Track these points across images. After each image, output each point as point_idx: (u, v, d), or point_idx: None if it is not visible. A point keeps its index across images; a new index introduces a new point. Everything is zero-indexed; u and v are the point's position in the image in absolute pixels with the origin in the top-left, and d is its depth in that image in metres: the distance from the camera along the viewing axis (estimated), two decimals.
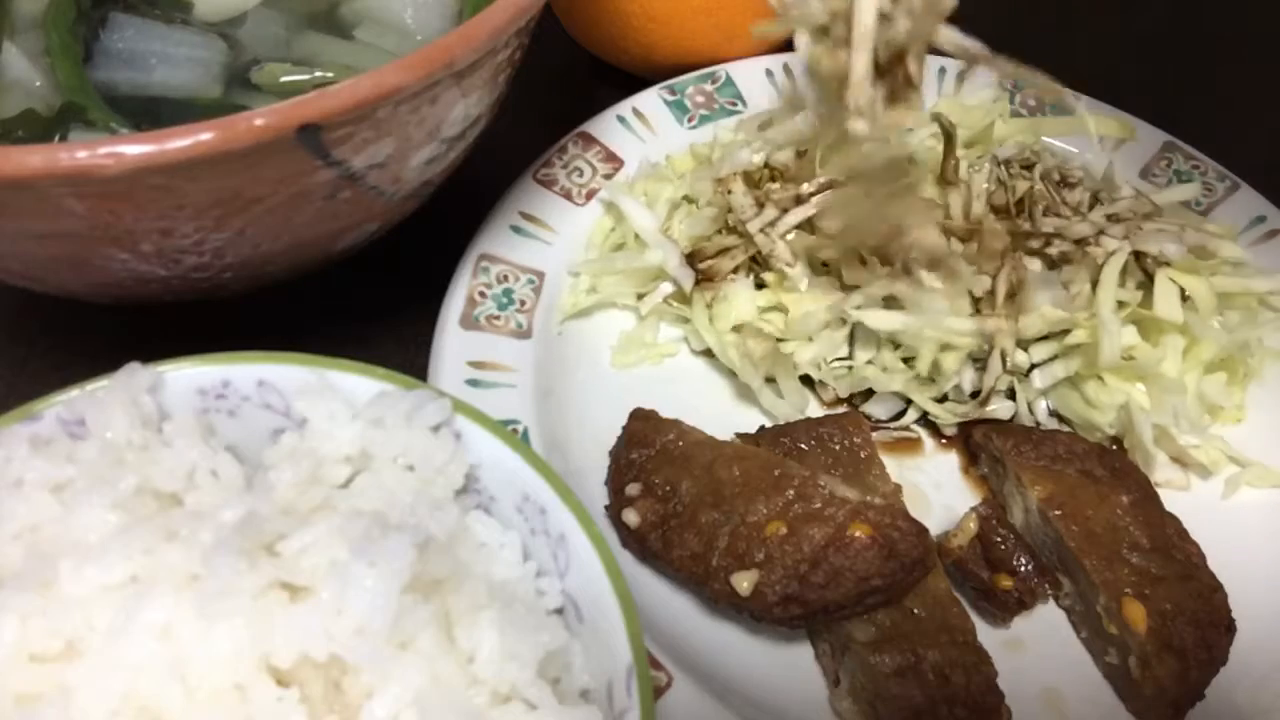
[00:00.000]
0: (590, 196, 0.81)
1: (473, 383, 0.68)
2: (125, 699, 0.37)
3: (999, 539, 0.65)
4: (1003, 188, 0.77)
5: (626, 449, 0.67)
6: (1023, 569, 0.64)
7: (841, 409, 0.74)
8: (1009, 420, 0.73)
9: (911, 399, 0.74)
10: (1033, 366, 0.73)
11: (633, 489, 0.65)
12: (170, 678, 0.38)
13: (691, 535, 0.61)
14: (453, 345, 0.70)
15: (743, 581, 0.58)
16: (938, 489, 0.72)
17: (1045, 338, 0.73)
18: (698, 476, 0.64)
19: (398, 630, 0.39)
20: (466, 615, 0.42)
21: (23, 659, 0.38)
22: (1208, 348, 0.73)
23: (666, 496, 0.64)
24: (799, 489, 0.61)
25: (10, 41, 0.65)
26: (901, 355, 0.73)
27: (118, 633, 0.38)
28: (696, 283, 0.75)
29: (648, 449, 0.67)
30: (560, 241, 0.78)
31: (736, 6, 0.91)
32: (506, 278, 0.75)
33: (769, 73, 0.92)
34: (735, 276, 0.75)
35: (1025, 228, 0.75)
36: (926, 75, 0.94)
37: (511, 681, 0.41)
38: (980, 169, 0.77)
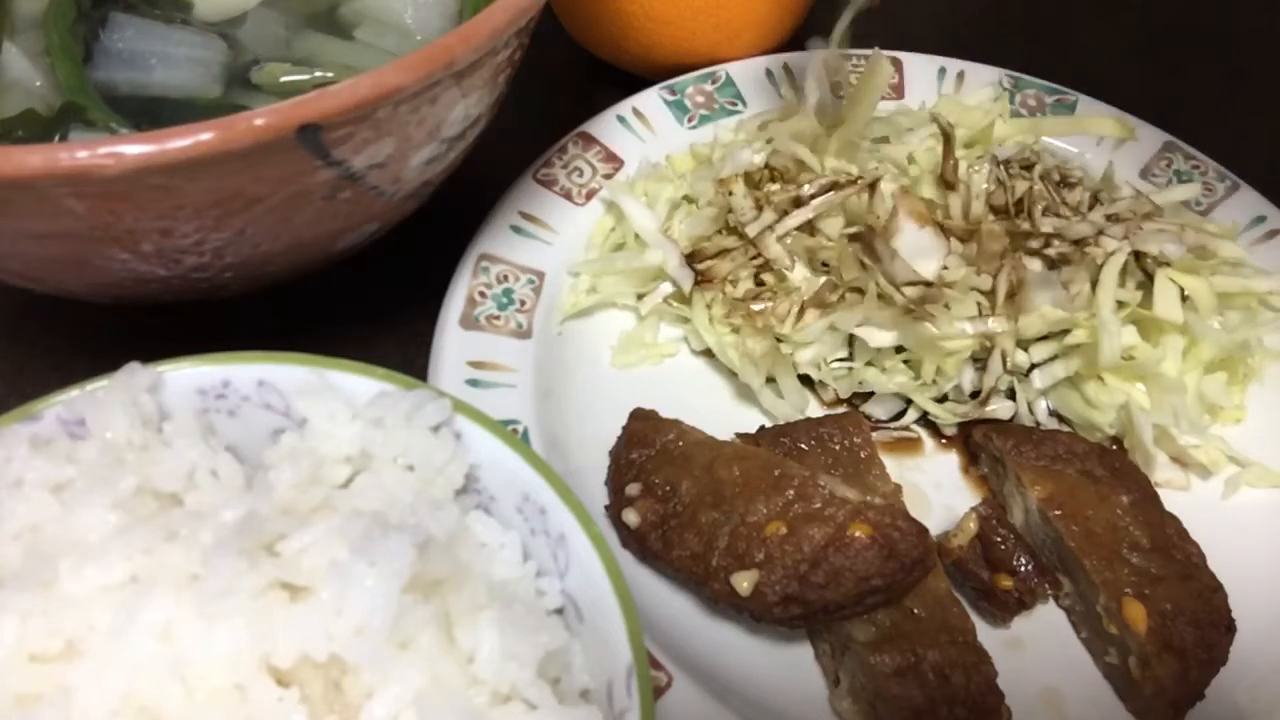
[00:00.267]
0: (590, 196, 0.81)
1: (473, 383, 0.68)
2: (125, 699, 0.37)
3: (999, 539, 0.65)
4: (1002, 188, 0.77)
5: (626, 449, 0.67)
6: (1023, 569, 0.64)
7: (841, 409, 0.74)
8: (1009, 420, 0.73)
9: (911, 399, 0.74)
10: (1033, 366, 0.73)
11: (633, 489, 0.65)
12: (170, 678, 0.38)
13: (691, 535, 0.61)
14: (453, 345, 0.70)
15: (743, 581, 0.58)
16: (938, 489, 0.72)
17: (1045, 338, 0.73)
18: (698, 476, 0.63)
19: (398, 630, 0.39)
20: (466, 615, 0.42)
21: (23, 659, 0.38)
22: (1208, 348, 0.73)
23: (666, 496, 0.64)
24: (799, 489, 0.61)
25: (10, 41, 0.65)
26: (903, 358, 0.74)
27: (118, 633, 0.38)
28: (696, 283, 0.75)
29: (648, 449, 0.67)
30: (560, 241, 0.78)
31: (736, 6, 0.91)
32: (506, 278, 0.75)
33: (769, 73, 0.92)
34: (735, 277, 0.75)
35: (1025, 228, 0.75)
36: (925, 75, 0.94)
37: (511, 681, 0.41)
38: (980, 169, 0.77)
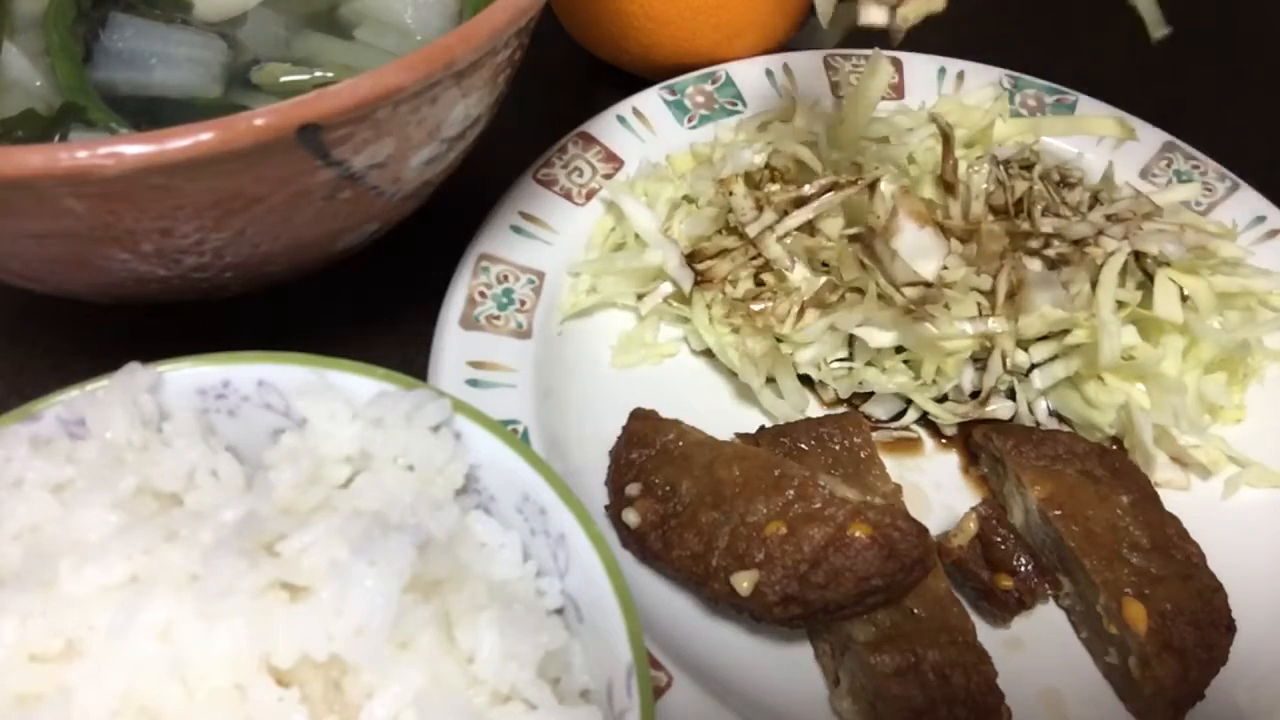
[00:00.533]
0: (590, 196, 0.81)
1: (473, 383, 0.68)
2: (125, 699, 0.37)
3: (999, 539, 0.65)
4: (1002, 188, 0.77)
5: (626, 449, 0.67)
6: (1023, 569, 0.64)
7: (841, 409, 0.74)
8: (1009, 420, 0.73)
9: (911, 399, 0.74)
10: (1033, 366, 0.73)
11: (633, 489, 0.65)
12: (170, 678, 0.38)
13: (691, 535, 0.61)
14: (453, 345, 0.69)
15: (743, 581, 0.58)
16: (938, 489, 0.72)
17: (1045, 338, 0.73)
18: (698, 476, 0.63)
19: (398, 630, 0.39)
20: (466, 615, 0.42)
21: (23, 659, 0.38)
22: (1208, 348, 0.73)
23: (666, 496, 0.64)
24: (799, 489, 0.61)
25: (10, 41, 0.65)
26: (903, 358, 0.74)
27: (118, 633, 0.38)
28: (696, 283, 0.75)
29: (648, 449, 0.67)
30: (560, 241, 0.78)
31: (736, 6, 0.91)
32: (506, 278, 0.75)
33: (769, 73, 0.92)
34: (735, 277, 0.75)
35: (1025, 228, 0.75)
36: (925, 75, 0.94)
37: (511, 681, 0.41)
38: (979, 169, 0.77)
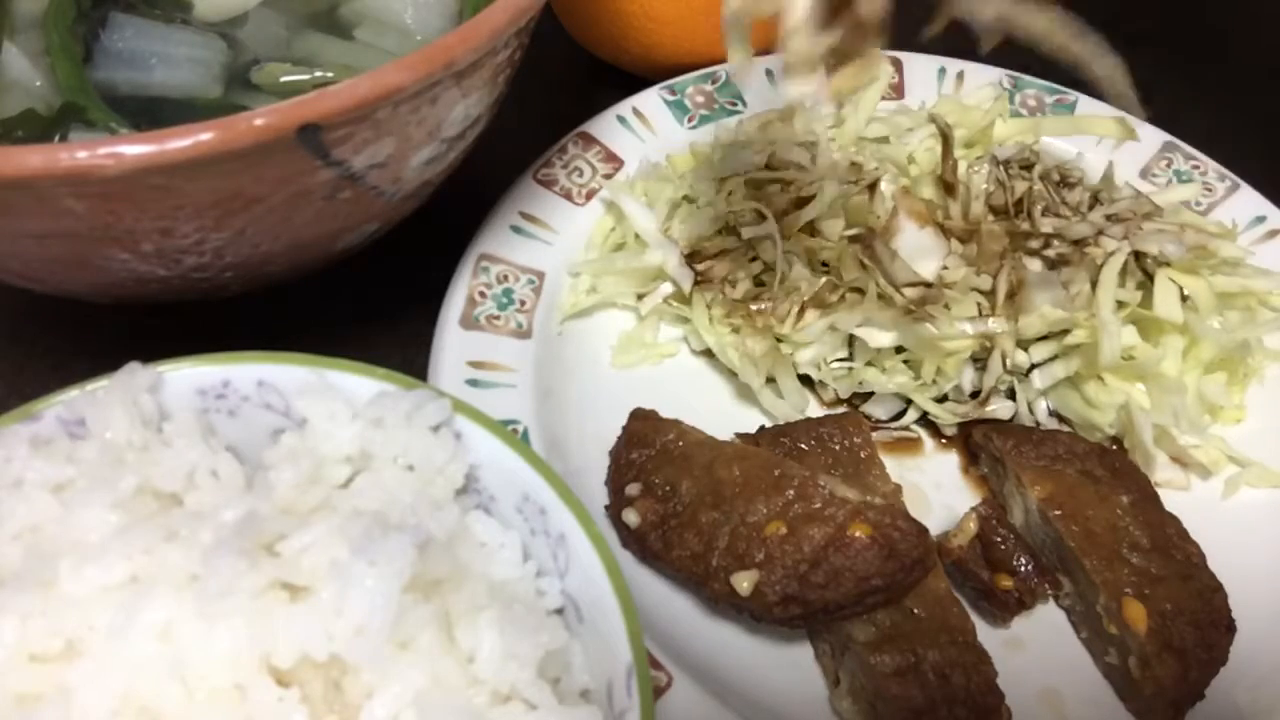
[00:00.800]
0: (590, 196, 0.81)
1: (473, 383, 0.68)
2: (125, 699, 0.37)
3: (999, 539, 0.65)
4: (1002, 188, 0.77)
5: (626, 449, 0.67)
6: (1023, 569, 0.64)
7: (841, 409, 0.74)
8: (1009, 420, 0.73)
9: (911, 399, 0.74)
10: (1033, 366, 0.73)
11: (633, 489, 0.65)
12: (170, 678, 0.38)
13: (691, 535, 0.61)
14: (453, 345, 0.69)
15: (743, 581, 0.58)
16: (938, 489, 0.72)
17: (1045, 338, 0.73)
18: (698, 476, 0.63)
19: (398, 630, 0.39)
20: (466, 615, 0.42)
21: (23, 659, 0.38)
22: (1208, 348, 0.73)
23: (666, 496, 0.64)
24: (799, 489, 0.61)
25: (10, 41, 0.65)
26: (903, 358, 0.74)
27: (118, 633, 0.38)
28: (696, 283, 0.75)
29: (648, 449, 0.67)
30: (560, 241, 0.78)
31: None
32: (506, 278, 0.75)
33: (769, 73, 0.92)
34: (734, 277, 0.75)
35: (1025, 228, 0.75)
36: (925, 75, 0.94)
37: (511, 681, 0.41)
38: (979, 169, 0.77)
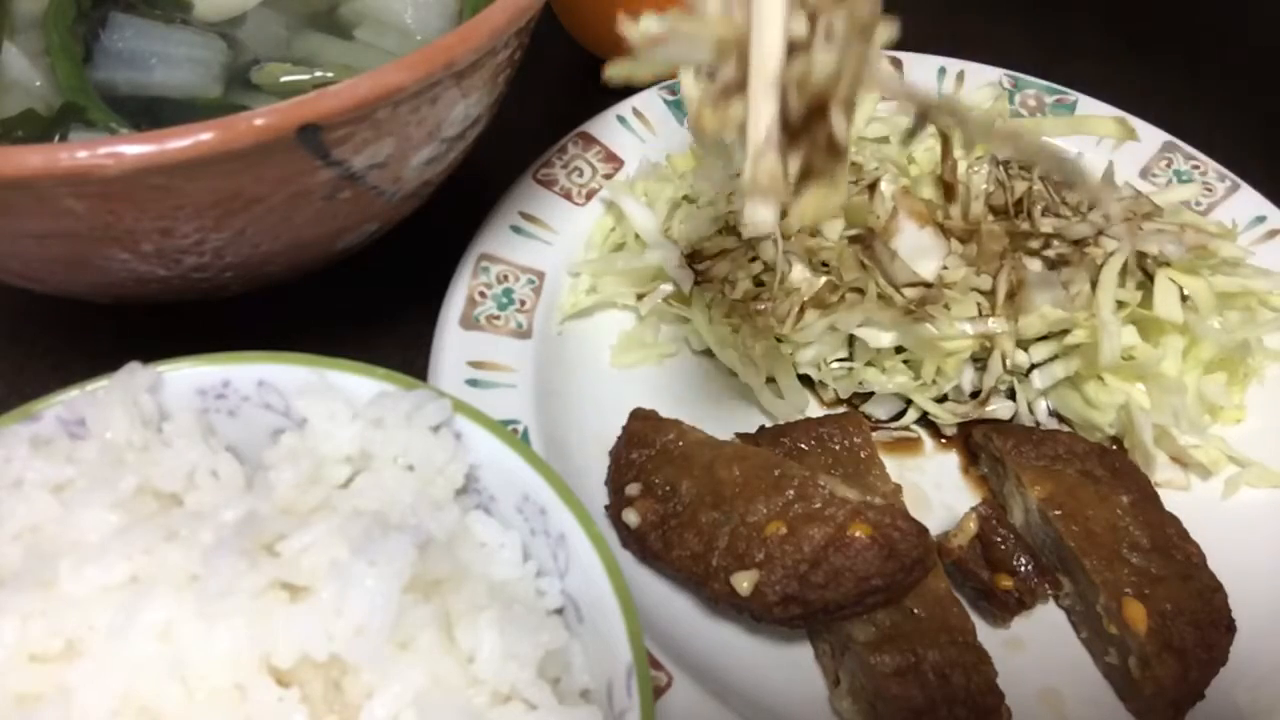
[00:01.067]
0: (590, 196, 0.81)
1: (473, 383, 0.68)
2: (125, 699, 0.37)
3: (999, 539, 0.65)
4: (1002, 188, 0.77)
5: (626, 449, 0.67)
6: (1023, 569, 0.64)
7: (841, 409, 0.74)
8: (1009, 420, 0.73)
9: (911, 399, 0.74)
10: (1033, 366, 0.73)
11: (633, 489, 0.65)
12: (170, 678, 0.38)
13: (691, 535, 0.61)
14: (453, 345, 0.69)
15: (743, 581, 0.58)
16: (938, 489, 0.72)
17: (1045, 338, 0.73)
18: (698, 476, 0.63)
19: (398, 630, 0.39)
20: (466, 615, 0.42)
21: (23, 659, 0.38)
22: (1208, 348, 0.73)
23: (666, 496, 0.64)
24: (799, 489, 0.61)
25: (10, 41, 0.65)
26: (903, 358, 0.74)
27: (118, 633, 0.38)
28: (696, 283, 0.75)
29: (648, 449, 0.67)
30: (560, 241, 0.78)
31: None
32: (506, 278, 0.75)
33: None
34: (734, 278, 0.75)
35: (1025, 228, 0.75)
36: (925, 75, 0.94)
37: (511, 681, 0.41)
38: (979, 170, 0.77)
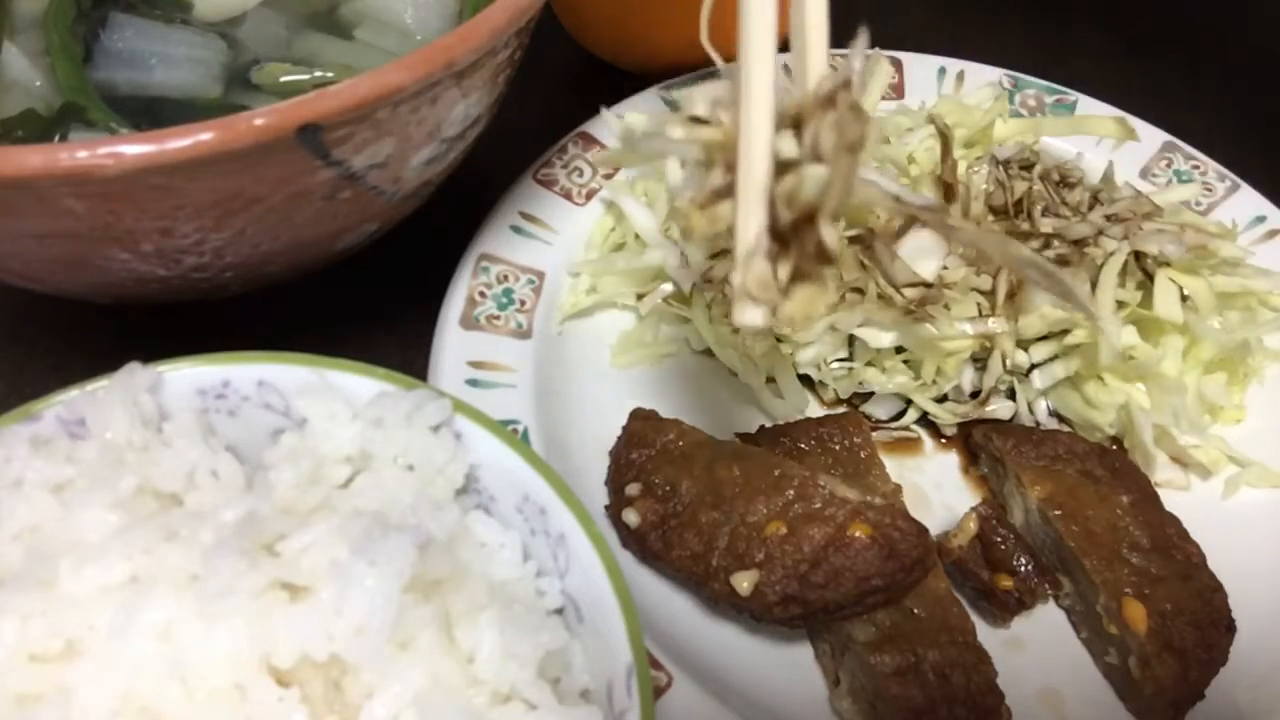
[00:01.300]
0: (590, 196, 0.81)
1: (473, 383, 0.68)
2: (125, 699, 0.37)
3: (999, 539, 0.65)
4: (1001, 188, 0.77)
5: (626, 449, 0.67)
6: (1023, 569, 0.64)
7: (841, 409, 0.74)
8: (1009, 420, 0.73)
9: (911, 399, 0.74)
10: (1033, 366, 0.73)
11: (633, 489, 0.65)
12: (170, 678, 0.38)
13: (691, 535, 0.61)
14: (453, 345, 0.70)
15: (743, 581, 0.58)
16: (938, 489, 0.72)
17: (1045, 338, 0.73)
18: (698, 476, 0.63)
19: (398, 630, 0.39)
20: (466, 615, 0.42)
21: (23, 659, 0.38)
22: (1208, 348, 0.73)
23: (666, 496, 0.64)
24: (799, 489, 0.61)
25: (10, 41, 0.65)
26: (903, 358, 0.73)
27: (118, 633, 0.38)
28: (696, 283, 0.75)
29: (648, 449, 0.67)
30: (560, 241, 0.78)
31: (737, 7, 0.91)
32: (506, 278, 0.75)
33: None
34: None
35: (1025, 228, 0.75)
36: (925, 75, 0.94)
37: (511, 681, 0.41)
38: (979, 170, 0.77)
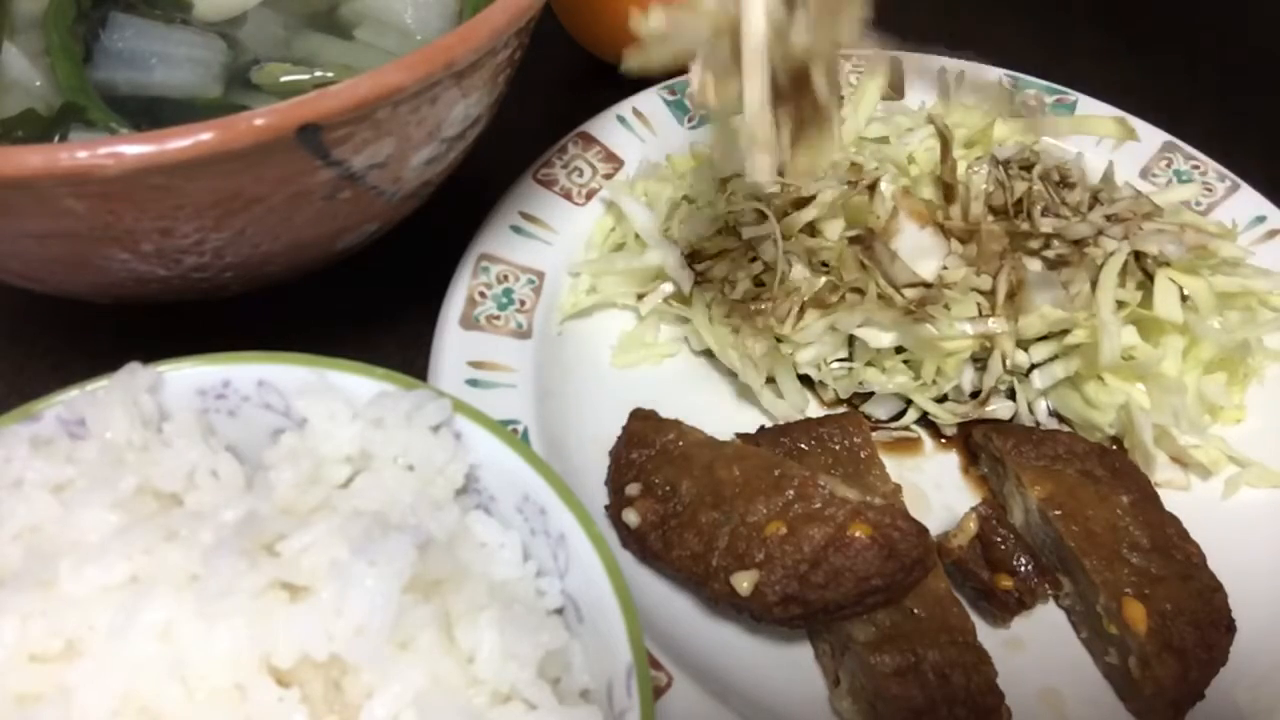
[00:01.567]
0: (590, 196, 0.81)
1: (473, 383, 0.68)
2: (125, 699, 0.37)
3: (999, 539, 0.65)
4: (1001, 188, 0.77)
5: (626, 449, 0.67)
6: (1023, 569, 0.64)
7: (841, 409, 0.74)
8: (1009, 420, 0.73)
9: (911, 399, 0.74)
10: (1033, 366, 0.73)
11: (633, 489, 0.65)
12: (170, 678, 0.38)
13: (691, 535, 0.61)
14: (453, 345, 0.70)
15: (743, 581, 0.58)
16: (938, 489, 0.72)
17: (1045, 338, 0.73)
18: (698, 476, 0.63)
19: (398, 630, 0.39)
20: (466, 615, 0.42)
21: (23, 659, 0.38)
22: (1208, 348, 0.73)
23: (666, 496, 0.64)
24: (799, 489, 0.61)
25: (10, 41, 0.65)
26: (903, 358, 0.74)
27: (118, 633, 0.38)
28: (696, 283, 0.75)
29: (648, 449, 0.67)
30: (560, 241, 0.78)
31: None
32: (506, 278, 0.75)
33: None
34: (734, 278, 0.75)
35: (1024, 228, 0.75)
36: (924, 76, 0.94)
37: (511, 681, 0.41)
38: (979, 170, 0.77)
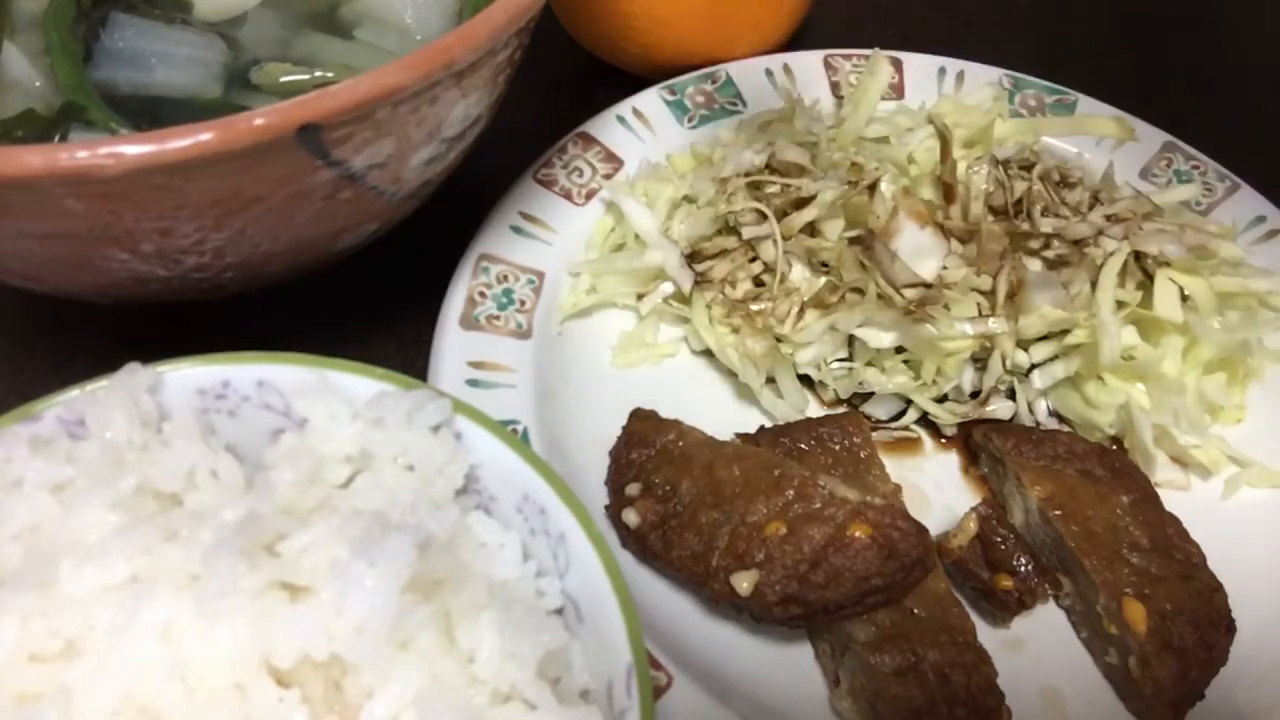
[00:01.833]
0: (590, 196, 0.81)
1: (473, 383, 0.68)
2: (125, 699, 0.37)
3: (999, 539, 0.65)
4: (1001, 188, 0.77)
5: (626, 449, 0.67)
6: (1023, 569, 0.64)
7: (841, 409, 0.74)
8: (1009, 420, 0.73)
9: (911, 399, 0.74)
10: (1033, 366, 0.73)
11: (633, 489, 0.65)
12: (170, 678, 0.38)
13: (691, 535, 0.61)
14: (453, 345, 0.70)
15: (743, 581, 0.58)
16: (938, 489, 0.72)
17: (1045, 338, 0.73)
18: (698, 476, 0.63)
19: (398, 630, 0.39)
20: (466, 615, 0.42)
21: (23, 659, 0.38)
22: (1208, 348, 0.73)
23: (666, 496, 0.64)
24: (799, 489, 0.61)
25: (10, 41, 0.65)
26: (903, 358, 0.74)
27: (118, 633, 0.38)
28: (696, 283, 0.75)
29: (648, 449, 0.67)
30: (560, 241, 0.78)
31: (736, 7, 0.91)
32: (506, 278, 0.75)
33: (769, 73, 0.92)
34: (734, 278, 0.75)
35: (1024, 228, 0.75)
36: (925, 75, 0.94)
37: (511, 681, 0.41)
38: (979, 170, 0.77)
